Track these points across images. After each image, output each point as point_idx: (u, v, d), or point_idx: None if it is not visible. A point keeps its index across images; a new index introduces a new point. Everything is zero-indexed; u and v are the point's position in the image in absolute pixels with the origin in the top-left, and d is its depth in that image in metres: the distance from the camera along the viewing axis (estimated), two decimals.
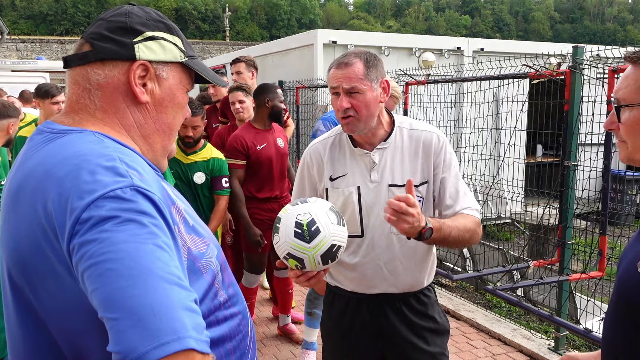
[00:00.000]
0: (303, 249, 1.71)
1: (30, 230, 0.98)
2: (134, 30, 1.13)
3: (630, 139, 1.28)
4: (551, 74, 4.05)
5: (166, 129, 1.21)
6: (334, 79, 1.99)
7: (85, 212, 0.91)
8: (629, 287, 1.26)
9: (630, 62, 1.28)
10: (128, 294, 0.86)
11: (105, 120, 1.13)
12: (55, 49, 33.77)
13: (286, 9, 73.61)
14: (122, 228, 0.90)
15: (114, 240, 0.89)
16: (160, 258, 0.91)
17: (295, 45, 9.08)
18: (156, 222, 0.95)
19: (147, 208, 0.95)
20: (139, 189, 0.97)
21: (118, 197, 0.93)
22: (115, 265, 0.87)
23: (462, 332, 4.65)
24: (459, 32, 78.18)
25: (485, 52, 9.04)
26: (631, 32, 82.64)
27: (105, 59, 1.11)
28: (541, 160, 9.63)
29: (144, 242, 0.91)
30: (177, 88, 1.19)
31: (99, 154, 1.00)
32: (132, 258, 0.88)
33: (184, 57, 1.19)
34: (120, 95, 1.13)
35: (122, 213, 0.92)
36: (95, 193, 0.93)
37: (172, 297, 0.88)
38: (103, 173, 0.96)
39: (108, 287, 0.86)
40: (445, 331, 2.23)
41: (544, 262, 4.20)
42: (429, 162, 2.07)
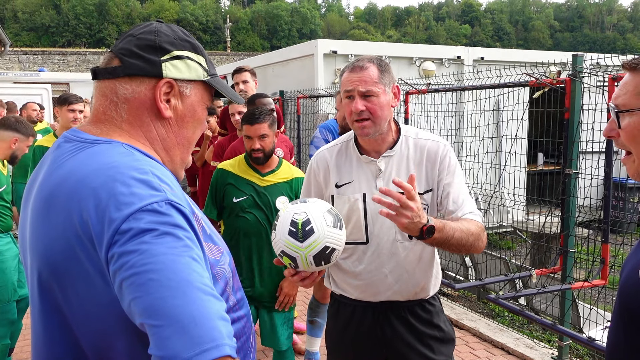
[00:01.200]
0: (296, 248, 1.73)
1: (63, 235, 1.03)
2: (162, 48, 1.19)
3: (632, 146, 1.28)
4: (551, 82, 4.06)
5: (185, 142, 1.27)
6: (349, 82, 2.01)
7: (125, 223, 0.97)
8: (630, 295, 1.26)
9: (628, 69, 1.29)
10: (170, 303, 0.93)
11: (131, 133, 1.19)
12: (57, 61, 33.92)
13: (287, 20, 74.03)
14: (160, 241, 0.97)
15: (153, 252, 0.96)
16: (195, 270, 0.98)
17: (296, 56, 9.11)
18: (189, 235, 1.02)
19: (180, 222, 1.02)
20: (172, 203, 1.03)
21: (155, 211, 1.00)
22: (156, 275, 0.94)
23: (464, 341, 4.62)
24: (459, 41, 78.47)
25: (485, 61, 9.07)
26: (631, 40, 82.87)
27: (134, 75, 1.17)
28: (542, 168, 9.63)
29: (181, 255, 0.98)
30: (198, 104, 1.25)
31: (131, 167, 1.06)
32: (171, 270, 0.95)
33: (207, 76, 1.26)
34: (145, 110, 1.19)
35: (159, 226, 0.98)
36: (133, 206, 0.99)
37: (209, 307, 0.95)
38: (138, 186, 1.02)
39: (150, 296, 0.93)
40: (451, 340, 2.22)
41: (546, 270, 4.19)
42: (433, 171, 2.08)
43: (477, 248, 1.99)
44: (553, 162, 9.43)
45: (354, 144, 2.14)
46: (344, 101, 2.06)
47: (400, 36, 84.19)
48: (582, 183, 4.19)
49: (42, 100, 12.58)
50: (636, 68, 1.26)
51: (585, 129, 4.03)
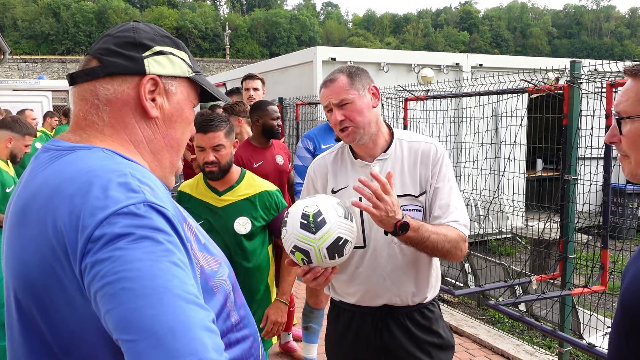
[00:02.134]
0: (309, 240, 1.71)
1: (38, 250, 0.94)
2: (142, 45, 1.12)
3: (633, 152, 1.29)
4: (549, 88, 4.07)
5: (175, 144, 1.18)
6: (323, 97, 2.09)
7: (98, 229, 0.88)
8: (633, 302, 1.25)
9: (630, 75, 1.29)
10: (145, 314, 0.83)
11: (114, 137, 1.10)
12: (57, 68, 34.00)
13: (286, 27, 74.28)
14: (136, 245, 0.87)
15: (128, 259, 0.86)
16: (176, 276, 0.88)
17: (295, 63, 9.14)
18: (171, 239, 0.92)
19: (161, 224, 0.92)
20: (152, 204, 0.93)
21: (131, 214, 0.90)
22: (130, 284, 0.84)
23: (464, 348, 4.61)
24: (457, 48, 78.75)
25: (483, 68, 9.10)
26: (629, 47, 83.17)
27: (114, 74, 1.09)
28: (541, 174, 9.64)
29: (160, 260, 0.87)
30: (185, 103, 1.18)
31: (109, 170, 0.98)
32: (147, 277, 0.85)
33: (192, 72, 1.18)
34: (129, 111, 1.10)
35: (136, 230, 0.89)
36: (108, 209, 0.90)
37: (190, 316, 0.85)
38: (115, 189, 0.93)
39: (123, 307, 0.83)
40: (450, 346, 2.22)
41: (546, 276, 4.18)
42: (427, 173, 2.08)
43: (454, 256, 2.00)
44: (552, 168, 9.45)
45: (349, 149, 2.17)
46: (327, 115, 2.12)
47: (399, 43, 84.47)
48: (581, 189, 4.19)
49: (42, 107, 12.60)
50: (638, 74, 1.27)
51: (584, 135, 4.04)
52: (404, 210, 1.97)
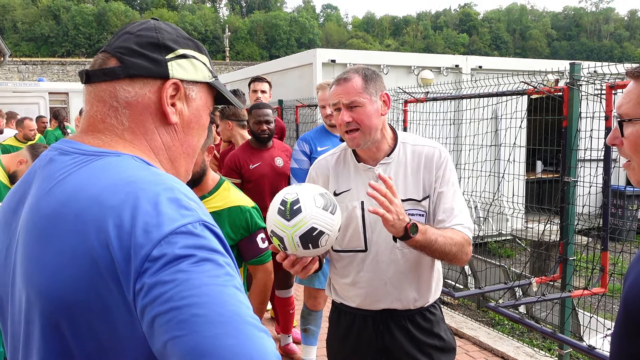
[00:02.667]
0: (283, 227, 1.71)
1: (75, 263, 0.87)
2: (166, 46, 1.06)
3: (634, 155, 1.28)
4: (549, 90, 4.08)
5: (191, 151, 1.14)
6: (334, 95, 2.04)
7: (157, 249, 0.83)
8: (634, 305, 1.25)
9: (632, 77, 1.28)
10: (224, 343, 0.79)
11: (135, 143, 1.05)
12: (57, 71, 34.01)
13: (285, 29, 74.33)
14: (200, 269, 0.83)
15: (194, 283, 0.81)
16: (242, 302, 0.85)
17: (295, 65, 9.14)
18: (228, 262, 0.89)
19: (217, 246, 0.89)
20: (206, 224, 0.90)
21: (190, 233, 0.86)
22: (202, 310, 0.80)
23: (465, 350, 4.61)
24: (457, 50, 78.85)
25: (483, 70, 9.10)
26: (628, 49, 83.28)
27: (136, 76, 1.03)
28: (541, 176, 9.64)
29: (226, 285, 0.84)
30: (203, 109, 1.13)
31: (153, 182, 0.92)
32: (219, 303, 0.81)
33: (212, 77, 1.14)
34: (149, 116, 1.05)
35: (197, 252, 0.85)
36: (164, 227, 0.85)
37: (266, 345, 0.82)
38: (166, 204, 0.88)
39: (198, 335, 0.79)
40: (452, 349, 2.21)
41: (546, 278, 4.18)
42: (430, 177, 2.08)
43: (459, 259, 2.00)
44: (551, 170, 9.45)
45: (352, 152, 2.16)
46: (334, 114, 2.09)
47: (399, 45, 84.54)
48: (580, 191, 4.20)
49: (39, 108, 12.55)
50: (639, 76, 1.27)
51: (584, 137, 4.04)
52: (409, 215, 1.96)
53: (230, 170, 4.02)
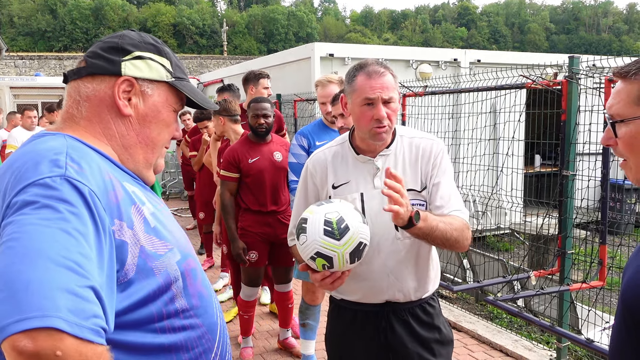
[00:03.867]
0: (333, 247, 1.75)
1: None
2: (123, 49, 1.25)
3: (631, 155, 1.28)
4: (548, 84, 4.07)
5: (149, 142, 1.29)
6: (370, 90, 2.00)
7: (15, 197, 0.98)
8: (634, 297, 1.25)
9: (620, 77, 1.28)
10: (14, 269, 0.88)
11: (88, 129, 1.23)
12: (54, 65, 33.92)
13: (283, 23, 74.12)
14: (36, 212, 0.95)
15: (24, 222, 0.94)
16: (59, 241, 0.93)
17: (293, 59, 9.12)
18: (74, 210, 0.98)
19: (69, 197, 0.99)
20: (69, 178, 1.02)
21: (45, 185, 0.99)
22: (15, 243, 0.92)
23: (463, 343, 4.62)
24: (455, 44, 78.74)
25: (482, 64, 9.09)
26: (626, 42, 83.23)
27: (95, 74, 1.23)
28: (540, 170, 9.64)
29: (49, 226, 0.94)
30: (162, 106, 1.29)
31: (51, 149, 1.08)
32: (30, 238, 0.92)
33: (170, 78, 1.30)
34: (105, 107, 1.23)
35: (41, 199, 0.97)
36: (28, 180, 1.00)
37: (53, 277, 0.89)
38: (44, 164, 1.03)
39: (1, 262, 0.90)
40: (450, 341, 2.23)
41: (544, 272, 4.19)
42: (427, 168, 2.10)
43: (461, 245, 2.00)
44: (550, 163, 9.45)
45: (349, 144, 2.16)
46: (360, 108, 2.03)
47: (397, 39, 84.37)
48: (579, 184, 4.20)
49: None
50: (627, 76, 1.26)
51: (582, 131, 4.04)
52: None
53: (229, 164, 4.01)
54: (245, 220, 4.06)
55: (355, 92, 2.04)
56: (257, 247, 4.02)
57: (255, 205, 4.05)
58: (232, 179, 4.03)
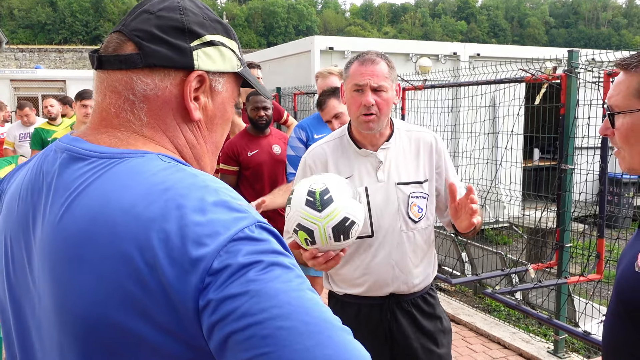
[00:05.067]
0: (314, 219, 1.62)
1: (120, 288, 0.76)
2: (191, 32, 0.92)
3: (625, 146, 1.30)
4: (547, 78, 4.08)
5: (214, 149, 1.02)
6: (360, 76, 2.03)
7: (216, 260, 0.73)
8: (627, 288, 1.27)
9: (621, 68, 1.29)
10: (319, 354, 0.71)
11: (156, 139, 0.92)
12: (54, 58, 33.83)
13: (283, 17, 73.92)
14: (270, 275, 0.74)
15: (270, 292, 0.72)
16: (322, 305, 0.76)
17: (293, 52, 9.12)
18: (294, 262, 0.80)
19: (279, 247, 0.80)
20: (262, 224, 0.80)
21: (250, 238, 0.76)
22: (287, 322, 0.71)
23: (461, 336, 4.65)
24: (455, 37, 78.55)
25: (481, 57, 9.08)
26: (626, 36, 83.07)
27: (157, 66, 0.90)
28: (538, 164, 9.66)
29: (302, 289, 0.75)
30: (228, 102, 0.99)
31: (192, 185, 0.80)
32: (303, 311, 0.73)
33: (241, 66, 1.00)
34: (170, 111, 0.92)
35: (262, 257, 0.75)
36: (220, 236, 0.75)
37: (360, 349, 0.77)
38: (214, 210, 0.77)
39: (288, 349, 0.70)
40: (450, 330, 2.28)
41: (542, 265, 4.21)
42: (430, 162, 2.15)
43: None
44: (549, 157, 9.46)
45: (349, 138, 2.16)
46: (350, 94, 2.07)
47: (397, 32, 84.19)
48: (577, 178, 4.22)
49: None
50: (628, 68, 1.27)
51: (581, 125, 4.06)
52: (413, 197, 2.07)
53: (228, 157, 4.02)
54: None
55: (348, 79, 2.08)
56: None
57: (254, 198, 4.06)
58: (231, 172, 4.04)
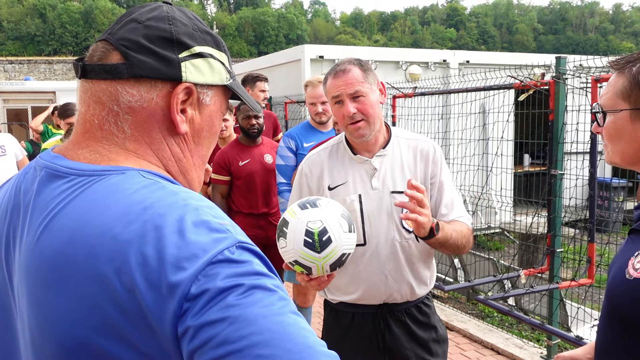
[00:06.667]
0: (312, 259, 1.65)
1: (98, 312, 0.74)
2: (180, 43, 0.89)
3: (609, 143, 1.35)
4: (535, 84, 4.11)
5: (201, 163, 0.99)
6: (334, 88, 2.02)
7: (194, 285, 0.71)
8: (617, 294, 1.28)
9: (615, 68, 1.32)
10: None
11: (139, 152, 0.89)
12: (43, 70, 33.67)
13: (273, 25, 74.13)
14: (250, 300, 0.72)
15: (249, 318, 0.70)
16: (306, 329, 0.74)
17: (283, 61, 9.14)
18: (277, 284, 0.77)
19: (261, 268, 0.77)
20: (244, 244, 0.78)
21: (229, 261, 0.74)
22: (267, 350, 0.69)
23: (455, 342, 4.65)
24: (444, 44, 79.08)
25: (470, 64, 9.15)
26: (613, 42, 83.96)
27: (142, 77, 0.87)
28: (529, 169, 9.71)
29: (284, 314, 0.73)
30: (216, 115, 0.97)
31: (172, 204, 0.78)
32: (284, 338, 0.70)
33: (230, 79, 0.98)
34: (156, 124, 0.89)
35: (242, 280, 0.73)
36: (198, 259, 0.73)
37: None
38: (193, 231, 0.75)
39: None
40: (445, 339, 2.25)
41: (534, 270, 4.23)
42: (426, 171, 2.11)
43: (466, 249, 2.08)
44: (539, 163, 9.52)
45: (345, 144, 2.14)
46: (333, 108, 2.06)
47: (387, 40, 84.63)
48: (567, 183, 4.25)
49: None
50: (617, 68, 1.30)
51: (570, 130, 4.09)
52: None
53: (219, 167, 4.01)
54: (236, 222, 4.05)
55: (327, 94, 2.08)
56: None
57: (246, 207, 4.05)
58: (222, 181, 4.03)
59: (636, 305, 1.21)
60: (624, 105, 1.27)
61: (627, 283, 1.24)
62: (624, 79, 1.27)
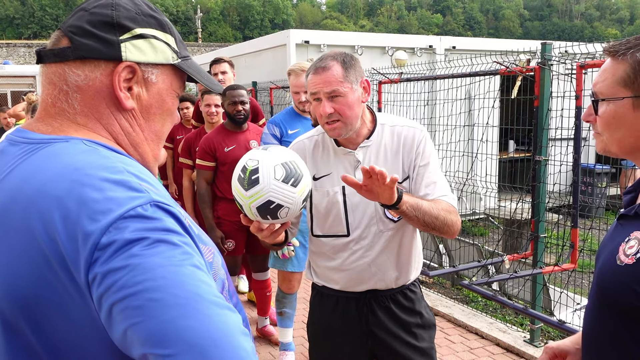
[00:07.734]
0: (241, 196, 1.65)
1: (29, 260, 0.84)
2: (121, 26, 0.99)
3: (606, 132, 1.30)
4: (521, 70, 4.12)
5: (155, 137, 1.08)
6: (313, 85, 1.95)
7: (105, 236, 0.80)
8: (609, 281, 1.27)
9: (609, 55, 1.28)
10: (182, 325, 0.76)
11: (89, 126, 0.99)
12: (23, 53, 33.11)
13: (259, 10, 73.47)
14: (153, 251, 0.80)
15: (148, 266, 0.78)
16: (202, 280, 0.82)
17: (268, 46, 9.06)
18: (185, 240, 0.85)
19: (172, 225, 0.85)
20: (159, 204, 0.86)
21: (140, 216, 0.82)
22: (158, 294, 0.77)
23: (439, 327, 4.68)
24: (430, 30, 78.97)
25: (457, 50, 9.13)
26: (598, 29, 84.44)
27: (86, 58, 0.97)
28: (513, 155, 9.77)
29: (182, 265, 0.81)
30: (166, 93, 1.06)
31: (100, 166, 0.88)
32: (175, 284, 0.78)
33: (177, 59, 1.06)
34: (103, 100, 0.99)
35: (149, 233, 0.81)
36: (112, 213, 0.81)
37: (228, 323, 0.80)
38: (113, 189, 0.84)
39: (155, 319, 0.76)
40: (432, 325, 2.25)
41: (517, 256, 4.26)
42: (410, 157, 2.06)
43: (450, 227, 1.97)
44: (524, 149, 9.57)
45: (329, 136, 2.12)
46: (312, 103, 2.01)
47: (373, 26, 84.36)
48: (551, 169, 4.27)
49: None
50: (616, 55, 1.26)
51: (555, 116, 4.10)
52: None
53: (204, 153, 3.98)
54: (221, 209, 4.04)
55: (307, 89, 2.01)
56: (234, 235, 4.01)
57: (231, 193, 4.02)
58: (207, 167, 4.00)
59: (627, 291, 1.20)
60: (625, 93, 1.24)
61: (618, 269, 1.23)
62: (625, 65, 1.23)
